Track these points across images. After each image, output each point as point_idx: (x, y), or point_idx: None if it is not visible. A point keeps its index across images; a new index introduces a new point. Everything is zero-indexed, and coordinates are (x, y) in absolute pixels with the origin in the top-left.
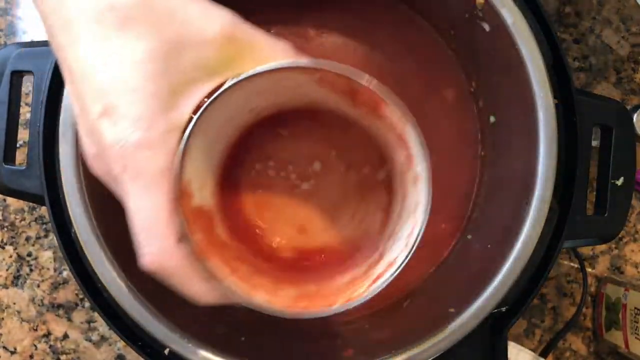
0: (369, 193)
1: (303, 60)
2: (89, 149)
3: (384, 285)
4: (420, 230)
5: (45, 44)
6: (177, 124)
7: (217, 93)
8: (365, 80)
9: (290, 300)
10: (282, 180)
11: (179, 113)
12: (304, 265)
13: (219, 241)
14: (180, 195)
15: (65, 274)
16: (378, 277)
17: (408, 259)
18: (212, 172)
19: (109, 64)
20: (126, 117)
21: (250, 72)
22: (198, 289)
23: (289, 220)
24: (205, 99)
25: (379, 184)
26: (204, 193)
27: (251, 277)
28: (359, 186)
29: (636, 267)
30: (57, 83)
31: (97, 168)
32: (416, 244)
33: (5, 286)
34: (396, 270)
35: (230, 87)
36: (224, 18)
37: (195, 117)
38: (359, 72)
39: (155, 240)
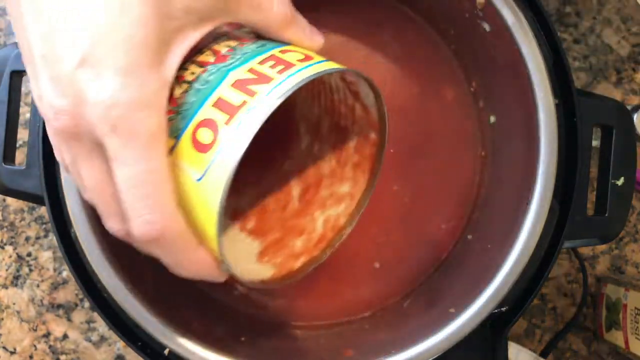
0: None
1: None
2: (55, 100)
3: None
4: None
5: None
6: (167, 80)
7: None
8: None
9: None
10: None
11: (168, 67)
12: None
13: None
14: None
15: (65, 274)
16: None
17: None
18: None
19: (93, 5)
20: (112, 71)
21: (308, 77)
22: (197, 257)
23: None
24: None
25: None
26: None
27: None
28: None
29: (636, 267)
30: None
31: (63, 124)
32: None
33: (5, 286)
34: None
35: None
36: None
37: (250, 136)
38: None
39: (157, 207)
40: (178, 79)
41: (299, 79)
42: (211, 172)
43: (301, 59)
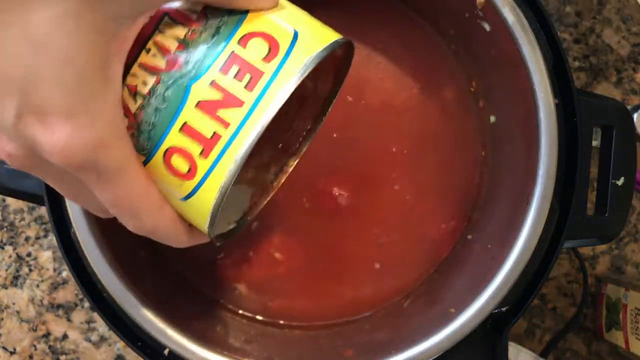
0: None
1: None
2: (5, 145)
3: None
4: None
5: None
6: (117, 99)
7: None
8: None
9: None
10: None
11: (113, 84)
12: None
13: None
14: None
15: (64, 274)
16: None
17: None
18: None
19: (12, 46)
20: (57, 115)
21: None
22: (188, 239)
23: None
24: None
25: None
26: None
27: None
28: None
29: (637, 267)
30: None
31: (20, 165)
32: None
33: (5, 286)
34: None
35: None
36: None
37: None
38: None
39: (144, 216)
40: (130, 89)
41: (272, 99)
42: (196, 199)
43: (265, 56)
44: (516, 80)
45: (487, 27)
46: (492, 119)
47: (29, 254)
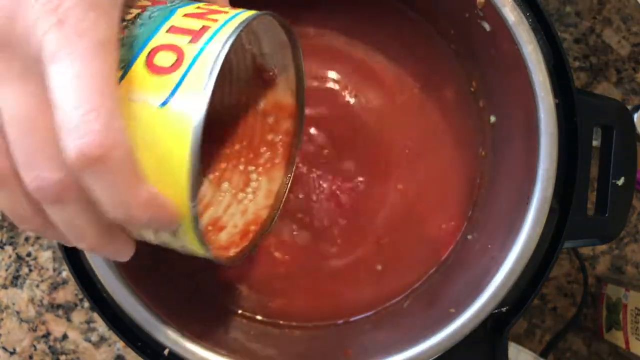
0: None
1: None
2: None
3: None
4: None
5: None
6: (120, 6)
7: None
8: None
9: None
10: None
11: None
12: None
13: None
14: None
15: (64, 274)
16: None
17: None
18: None
19: None
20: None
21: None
22: (145, 193)
23: None
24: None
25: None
26: None
27: None
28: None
29: (637, 267)
30: None
31: None
32: None
33: (5, 286)
34: None
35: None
36: None
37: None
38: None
39: (102, 116)
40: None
41: (251, 12)
42: (184, 89)
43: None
44: (516, 80)
45: (487, 27)
46: (492, 119)
47: (29, 254)
